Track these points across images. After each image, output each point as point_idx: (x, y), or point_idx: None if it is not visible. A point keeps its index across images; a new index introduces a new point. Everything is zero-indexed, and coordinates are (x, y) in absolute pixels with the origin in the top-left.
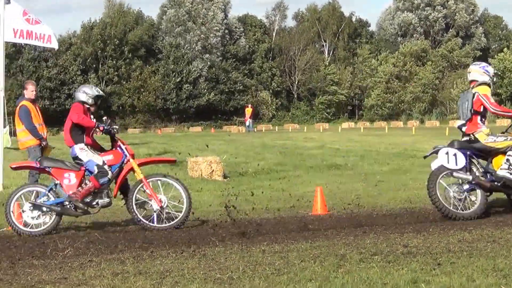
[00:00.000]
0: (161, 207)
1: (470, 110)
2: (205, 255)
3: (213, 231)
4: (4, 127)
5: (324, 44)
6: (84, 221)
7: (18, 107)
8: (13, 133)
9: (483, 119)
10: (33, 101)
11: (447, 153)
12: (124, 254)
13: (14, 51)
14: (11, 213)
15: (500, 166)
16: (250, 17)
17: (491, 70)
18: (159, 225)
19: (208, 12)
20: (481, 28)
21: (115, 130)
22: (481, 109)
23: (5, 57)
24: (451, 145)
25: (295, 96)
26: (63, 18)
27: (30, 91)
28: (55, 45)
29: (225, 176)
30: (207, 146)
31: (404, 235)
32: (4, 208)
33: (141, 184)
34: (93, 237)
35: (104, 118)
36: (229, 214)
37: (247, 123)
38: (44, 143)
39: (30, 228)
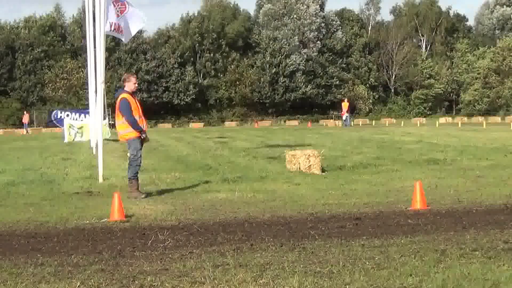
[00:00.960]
0: None
1: None
2: (305, 249)
3: (312, 225)
4: (104, 119)
5: (422, 39)
6: (183, 213)
7: (118, 100)
8: (111, 125)
9: None
10: (132, 94)
11: None
12: (224, 247)
13: (113, 44)
14: None
15: None
16: (348, 11)
17: None
18: None
19: (304, 6)
20: None
21: None
22: None
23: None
24: None
25: (392, 90)
26: (161, 11)
27: (132, 83)
28: (125, 38)
29: (323, 170)
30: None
31: (504, 231)
32: None
33: None
34: (193, 229)
35: None
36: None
37: (344, 117)
38: (143, 135)
39: None
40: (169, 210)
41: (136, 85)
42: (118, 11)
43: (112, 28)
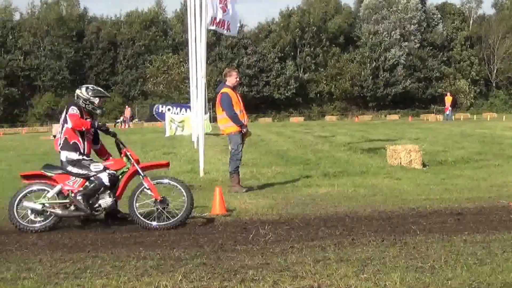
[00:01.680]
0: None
1: None
2: (406, 244)
3: (413, 220)
4: (205, 113)
5: None
6: (284, 207)
7: (219, 94)
8: (212, 119)
9: None
10: (233, 88)
11: None
12: (325, 241)
13: (214, 39)
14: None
15: None
16: (449, 5)
17: None
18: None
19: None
20: None
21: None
22: None
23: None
24: None
25: (494, 84)
26: (262, 5)
27: (233, 78)
28: (233, 32)
29: (424, 165)
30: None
31: None
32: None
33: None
34: (294, 223)
35: None
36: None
37: (447, 112)
38: (244, 129)
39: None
40: (270, 205)
41: (238, 79)
42: (221, 6)
43: (215, 24)
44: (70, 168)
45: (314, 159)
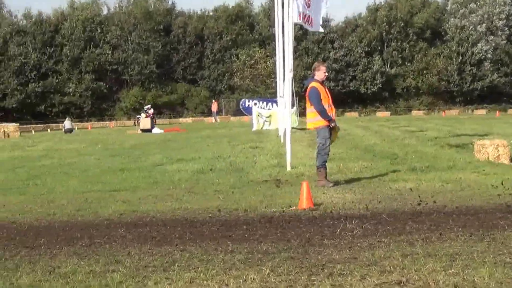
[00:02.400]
0: None
1: None
2: (495, 239)
3: (501, 215)
4: (292, 107)
5: None
6: (371, 202)
7: (308, 89)
8: (299, 114)
9: None
10: (322, 83)
11: None
12: (412, 236)
13: (301, 34)
14: None
15: None
16: None
17: None
18: None
19: None
20: None
21: None
22: None
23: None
24: None
25: None
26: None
27: (322, 72)
28: (316, 27)
29: None
30: None
31: None
32: None
33: None
34: (381, 218)
35: None
36: None
37: None
38: (332, 124)
39: None
40: (357, 199)
41: (326, 74)
42: (306, 1)
43: (301, 18)
44: None
45: (401, 154)
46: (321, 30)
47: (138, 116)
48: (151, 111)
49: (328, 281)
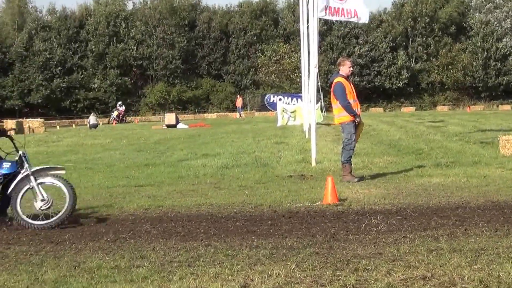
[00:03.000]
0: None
1: None
2: None
3: None
4: (317, 102)
5: None
6: (396, 197)
7: (333, 84)
8: (323, 109)
9: None
10: (347, 78)
11: None
12: (437, 231)
13: (326, 29)
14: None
15: None
16: None
17: None
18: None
19: None
20: None
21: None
22: None
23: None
24: None
25: None
26: None
27: (347, 67)
28: (364, 19)
29: None
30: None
31: None
32: None
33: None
34: (406, 213)
35: None
36: None
37: None
38: (357, 119)
39: None
40: (382, 194)
41: (351, 69)
42: None
43: (330, 12)
44: None
45: (426, 149)
46: (365, 21)
47: (112, 113)
48: (122, 108)
49: (353, 276)
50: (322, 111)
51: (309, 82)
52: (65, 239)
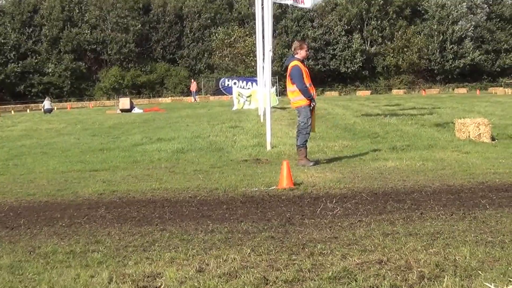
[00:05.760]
0: None
1: None
2: (476, 218)
3: (482, 194)
4: (272, 86)
5: None
6: (352, 181)
7: (289, 67)
8: (278, 93)
9: None
10: (302, 61)
11: None
12: (393, 215)
13: (280, 12)
14: None
15: None
16: None
17: None
18: None
19: None
20: None
21: None
22: None
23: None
24: None
25: None
26: None
27: (304, 51)
28: (308, 4)
29: (493, 139)
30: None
31: None
32: None
33: None
34: (361, 197)
35: None
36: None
37: None
38: (313, 103)
39: None
40: (337, 178)
41: (307, 52)
42: None
43: None
44: None
45: (381, 133)
46: (309, 7)
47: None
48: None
49: (309, 260)
50: (277, 95)
51: (264, 66)
52: (20, 224)
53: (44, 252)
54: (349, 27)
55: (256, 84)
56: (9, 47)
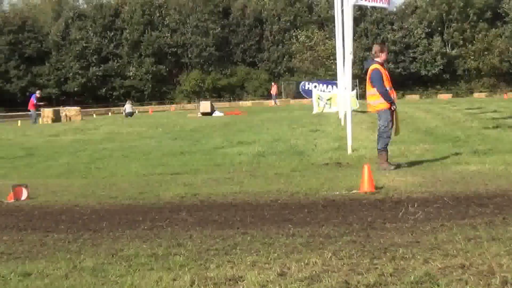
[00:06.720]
0: None
1: None
2: None
3: None
4: (352, 89)
5: None
6: (433, 185)
7: (370, 70)
8: (359, 96)
9: None
10: (382, 65)
11: None
12: (475, 220)
13: (359, 14)
14: None
15: None
16: None
17: None
18: None
19: None
20: None
21: None
22: None
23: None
24: None
25: None
26: None
27: (385, 54)
28: (391, 6)
29: None
30: None
31: None
32: None
33: None
34: (443, 201)
35: None
36: None
37: None
38: (394, 107)
39: None
40: (418, 182)
41: (387, 56)
42: None
43: None
44: None
45: (463, 137)
46: (392, 9)
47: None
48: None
49: (391, 265)
50: (357, 98)
51: (345, 69)
52: (102, 227)
53: (126, 255)
54: (429, 29)
55: (336, 87)
56: (91, 51)
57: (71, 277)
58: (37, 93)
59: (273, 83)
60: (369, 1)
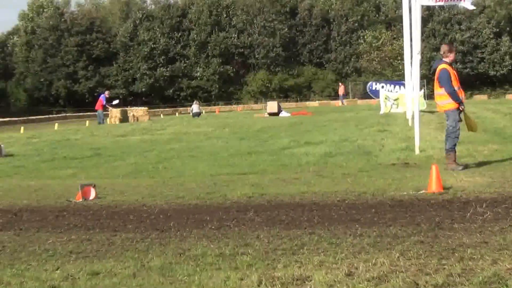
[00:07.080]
0: None
1: None
2: None
3: None
4: (420, 89)
5: None
6: (502, 185)
7: (438, 70)
8: (426, 96)
9: None
10: (450, 65)
11: None
12: None
13: (427, 14)
14: None
15: None
16: None
17: None
18: None
19: None
20: None
21: None
22: None
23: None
24: None
25: None
26: None
27: (453, 54)
28: (468, 5)
29: None
30: None
31: None
32: None
33: None
34: (511, 202)
35: None
36: None
37: None
38: (462, 107)
39: None
40: (487, 183)
41: (455, 56)
42: None
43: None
44: None
45: None
46: (471, 7)
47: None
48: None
49: (459, 265)
50: (425, 98)
51: (412, 69)
52: (170, 227)
53: (194, 255)
54: (497, 29)
55: (404, 87)
56: (159, 51)
57: (139, 276)
58: (106, 93)
59: (340, 84)
60: (437, 1)
